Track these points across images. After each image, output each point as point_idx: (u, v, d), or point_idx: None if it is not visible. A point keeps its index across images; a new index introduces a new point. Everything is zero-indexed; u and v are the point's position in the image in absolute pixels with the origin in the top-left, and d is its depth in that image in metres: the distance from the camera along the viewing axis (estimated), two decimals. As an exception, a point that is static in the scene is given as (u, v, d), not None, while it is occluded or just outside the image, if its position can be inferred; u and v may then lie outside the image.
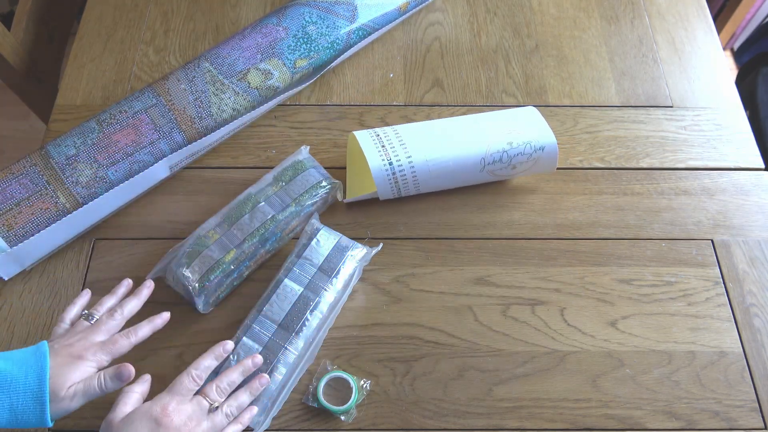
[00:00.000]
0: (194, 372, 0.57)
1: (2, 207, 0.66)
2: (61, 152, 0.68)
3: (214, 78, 0.72)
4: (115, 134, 0.70)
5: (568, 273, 0.71)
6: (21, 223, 0.66)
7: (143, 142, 0.70)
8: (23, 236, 0.66)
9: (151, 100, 0.71)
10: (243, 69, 0.74)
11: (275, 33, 0.76)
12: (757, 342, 0.68)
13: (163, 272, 0.67)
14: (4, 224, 0.66)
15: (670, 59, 0.89)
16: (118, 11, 0.92)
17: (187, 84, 0.72)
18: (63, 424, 0.62)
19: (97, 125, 0.70)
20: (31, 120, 1.59)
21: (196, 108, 0.72)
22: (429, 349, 0.67)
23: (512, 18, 0.92)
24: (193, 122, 0.72)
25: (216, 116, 0.73)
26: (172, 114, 0.71)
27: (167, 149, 0.71)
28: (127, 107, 0.71)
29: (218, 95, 0.72)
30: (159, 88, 0.72)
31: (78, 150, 0.69)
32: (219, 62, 0.74)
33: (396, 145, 0.71)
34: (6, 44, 0.92)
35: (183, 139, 0.71)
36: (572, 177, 0.78)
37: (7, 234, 0.65)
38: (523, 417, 0.64)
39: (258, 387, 0.60)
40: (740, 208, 0.76)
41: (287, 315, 0.64)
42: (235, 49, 0.75)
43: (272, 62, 0.75)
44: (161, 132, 0.71)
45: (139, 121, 0.70)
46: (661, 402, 0.64)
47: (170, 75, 0.74)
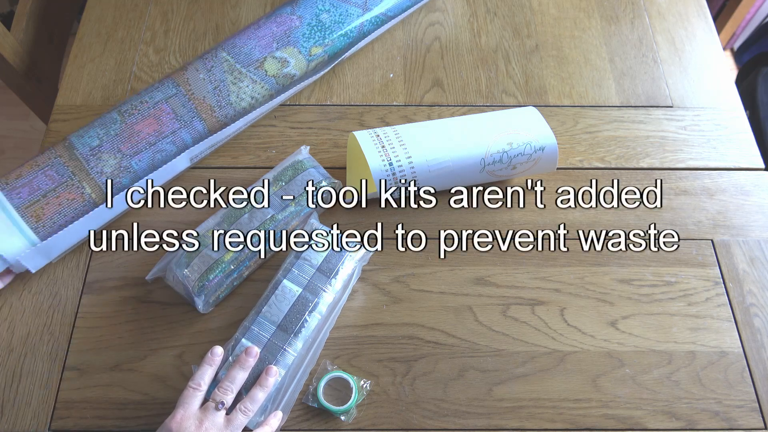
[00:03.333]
0: (192, 382, 0.59)
1: (30, 198, 0.66)
2: (84, 143, 0.69)
3: (231, 67, 0.73)
4: (137, 124, 0.70)
5: (568, 273, 0.71)
6: (49, 214, 0.67)
7: (165, 131, 0.71)
8: (51, 227, 0.67)
9: (171, 90, 0.72)
10: (260, 57, 0.75)
11: (290, 22, 0.77)
12: (757, 342, 0.68)
13: (163, 272, 0.67)
14: (33, 215, 0.66)
15: (670, 59, 0.89)
16: (118, 11, 0.92)
17: (205, 73, 0.73)
18: (63, 424, 0.62)
19: (119, 116, 0.71)
20: (31, 120, 1.59)
21: (215, 97, 0.73)
22: (429, 349, 0.67)
23: (512, 18, 0.92)
24: (213, 111, 0.73)
25: (235, 105, 0.74)
26: (192, 103, 0.72)
27: (188, 138, 0.72)
28: (147, 98, 0.72)
29: (236, 84, 0.74)
30: (178, 78, 0.73)
31: (101, 141, 0.69)
32: (236, 51, 0.75)
33: (396, 146, 0.71)
34: (6, 44, 0.92)
35: (204, 127, 0.73)
36: (572, 177, 0.78)
37: (36, 225, 0.66)
38: (523, 417, 0.64)
39: (268, 380, 0.60)
40: (740, 208, 0.76)
41: (286, 316, 0.64)
42: (251, 39, 0.76)
43: (288, 50, 0.76)
44: (182, 121, 0.72)
45: (160, 111, 0.71)
46: (661, 402, 0.64)
47: (188, 65, 0.74)
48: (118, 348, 0.66)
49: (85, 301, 0.69)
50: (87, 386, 0.64)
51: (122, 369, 0.65)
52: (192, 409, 0.57)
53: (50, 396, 0.64)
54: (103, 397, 0.64)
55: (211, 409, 0.57)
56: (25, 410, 0.63)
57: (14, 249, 0.65)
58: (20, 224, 0.66)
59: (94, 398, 0.64)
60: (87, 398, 0.64)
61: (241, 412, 0.58)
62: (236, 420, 0.58)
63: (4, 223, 0.65)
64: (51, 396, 0.64)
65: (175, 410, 0.57)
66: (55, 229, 0.67)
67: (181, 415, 0.56)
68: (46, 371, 0.65)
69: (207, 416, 0.57)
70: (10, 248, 0.65)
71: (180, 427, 0.55)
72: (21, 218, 0.66)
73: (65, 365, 0.65)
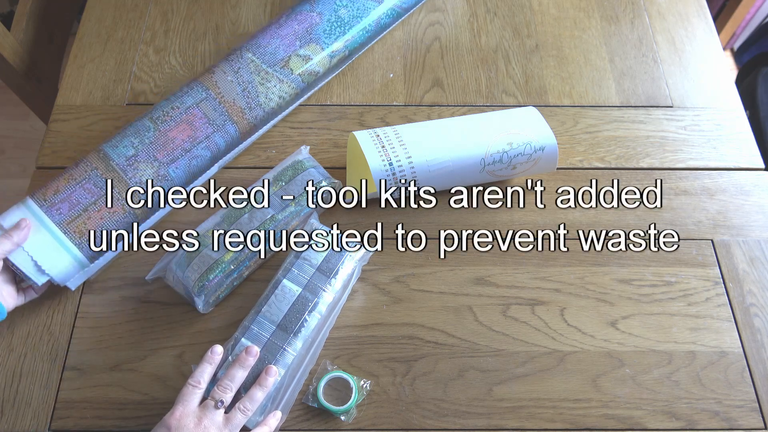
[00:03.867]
0: (192, 379, 0.59)
1: (71, 214, 0.65)
2: (120, 153, 0.68)
3: (258, 67, 0.74)
4: (171, 131, 0.70)
5: (568, 273, 0.71)
6: (92, 228, 0.65)
7: (199, 136, 0.71)
8: (96, 242, 0.66)
9: (201, 94, 0.72)
10: (284, 56, 0.76)
11: (310, 19, 0.78)
12: (757, 342, 0.68)
13: (163, 272, 0.67)
14: (76, 231, 0.65)
15: (670, 59, 0.89)
16: (118, 11, 0.92)
17: (233, 75, 0.73)
18: (63, 424, 0.62)
19: (152, 123, 0.70)
20: (31, 120, 1.59)
21: (245, 98, 0.73)
22: (429, 349, 0.67)
23: (512, 18, 0.92)
24: (244, 113, 0.73)
25: (264, 105, 0.74)
26: (223, 107, 0.72)
27: (222, 142, 0.72)
28: (178, 103, 0.71)
29: (264, 84, 0.74)
30: (207, 82, 0.73)
31: (137, 150, 0.68)
32: (261, 52, 0.75)
33: (396, 146, 0.71)
34: (6, 44, 0.92)
35: (235, 130, 0.73)
36: (572, 177, 0.78)
37: (80, 242, 0.65)
38: (523, 417, 0.64)
39: (267, 379, 0.60)
40: (740, 208, 0.76)
41: (285, 316, 0.64)
42: (274, 38, 0.76)
43: (311, 47, 0.77)
44: (215, 125, 0.71)
45: (192, 116, 0.71)
46: (661, 402, 0.64)
47: (215, 68, 0.74)
48: (118, 348, 0.66)
49: (85, 301, 0.69)
50: (87, 386, 0.64)
51: (122, 369, 0.65)
52: (191, 406, 0.57)
53: (50, 396, 0.64)
54: (103, 397, 0.64)
55: (210, 408, 0.57)
56: (25, 410, 0.63)
57: (61, 267, 0.64)
58: (64, 242, 0.64)
59: (94, 398, 0.64)
60: (87, 398, 0.64)
61: (240, 411, 0.58)
62: (235, 419, 0.58)
63: (48, 241, 0.64)
64: (51, 396, 0.64)
65: (174, 407, 0.57)
66: (99, 244, 0.66)
67: (180, 412, 0.56)
68: (46, 371, 0.65)
69: (206, 414, 0.57)
70: (57, 267, 0.64)
71: (179, 424, 0.55)
72: (65, 235, 0.64)
73: (65, 365, 0.65)
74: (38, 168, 0.78)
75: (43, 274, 0.64)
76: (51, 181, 0.67)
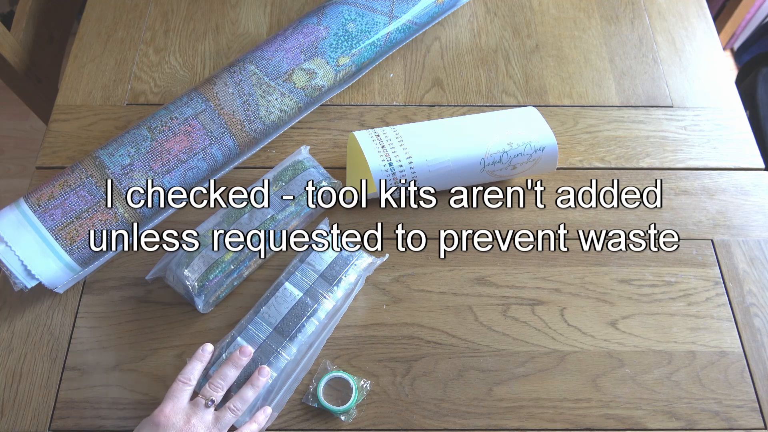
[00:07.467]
0: (182, 376, 0.59)
1: (63, 220, 0.65)
2: (116, 162, 0.68)
3: (260, 80, 0.73)
4: (168, 141, 0.69)
5: (568, 273, 0.71)
6: (83, 236, 0.66)
7: (196, 148, 0.70)
8: (86, 249, 0.66)
9: (201, 106, 0.71)
10: (288, 70, 0.74)
11: (317, 32, 0.76)
12: (757, 342, 0.68)
13: (163, 272, 0.67)
14: (67, 237, 0.65)
15: (670, 59, 0.89)
16: (118, 11, 0.92)
17: (234, 87, 0.72)
18: (63, 424, 0.62)
19: (149, 133, 0.69)
20: (31, 120, 1.59)
21: (245, 111, 0.72)
22: (429, 349, 0.67)
23: (512, 18, 0.92)
24: (243, 126, 0.72)
25: (264, 118, 0.73)
26: (222, 119, 0.71)
27: (219, 154, 0.72)
28: (177, 114, 0.71)
29: (265, 97, 0.73)
30: (207, 93, 0.72)
31: (132, 159, 0.68)
32: (264, 64, 0.74)
33: (396, 146, 0.71)
34: (6, 44, 0.92)
35: (234, 143, 0.72)
36: (572, 177, 0.78)
37: (71, 248, 0.65)
38: (523, 417, 0.64)
39: (259, 380, 0.60)
40: (740, 208, 0.76)
41: (283, 319, 0.63)
42: (278, 51, 0.75)
43: (316, 61, 0.75)
44: (213, 137, 0.71)
45: (190, 127, 0.70)
46: (661, 402, 0.64)
47: (216, 78, 0.73)
48: (118, 348, 0.66)
49: (85, 301, 0.69)
50: (87, 386, 0.64)
51: (122, 369, 0.65)
52: (181, 403, 0.57)
53: (50, 396, 0.64)
54: (103, 397, 0.64)
55: (201, 406, 0.57)
56: (25, 410, 0.63)
57: (50, 272, 0.65)
58: (55, 247, 0.65)
59: (94, 398, 0.64)
60: (87, 398, 0.64)
61: (230, 410, 0.58)
62: (224, 418, 0.58)
63: (39, 246, 0.64)
64: (51, 396, 0.64)
65: (164, 403, 0.57)
66: (89, 251, 0.66)
67: (170, 408, 0.56)
68: (46, 371, 0.65)
69: (196, 412, 0.57)
70: (46, 271, 0.65)
71: (168, 421, 0.55)
72: (55, 241, 0.65)
73: (65, 365, 0.65)
74: (38, 168, 0.78)
75: (33, 278, 0.64)
76: (46, 184, 0.67)
